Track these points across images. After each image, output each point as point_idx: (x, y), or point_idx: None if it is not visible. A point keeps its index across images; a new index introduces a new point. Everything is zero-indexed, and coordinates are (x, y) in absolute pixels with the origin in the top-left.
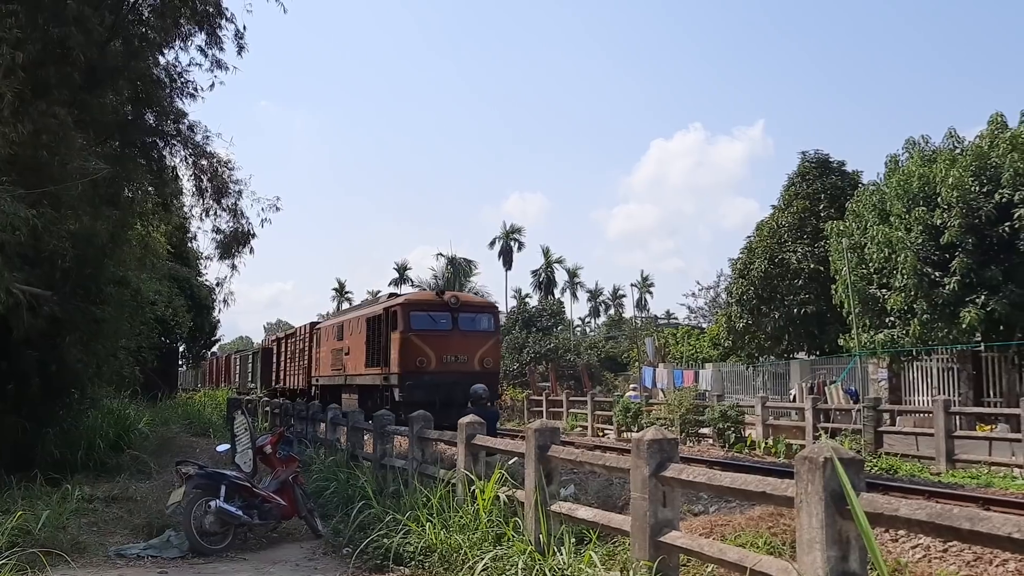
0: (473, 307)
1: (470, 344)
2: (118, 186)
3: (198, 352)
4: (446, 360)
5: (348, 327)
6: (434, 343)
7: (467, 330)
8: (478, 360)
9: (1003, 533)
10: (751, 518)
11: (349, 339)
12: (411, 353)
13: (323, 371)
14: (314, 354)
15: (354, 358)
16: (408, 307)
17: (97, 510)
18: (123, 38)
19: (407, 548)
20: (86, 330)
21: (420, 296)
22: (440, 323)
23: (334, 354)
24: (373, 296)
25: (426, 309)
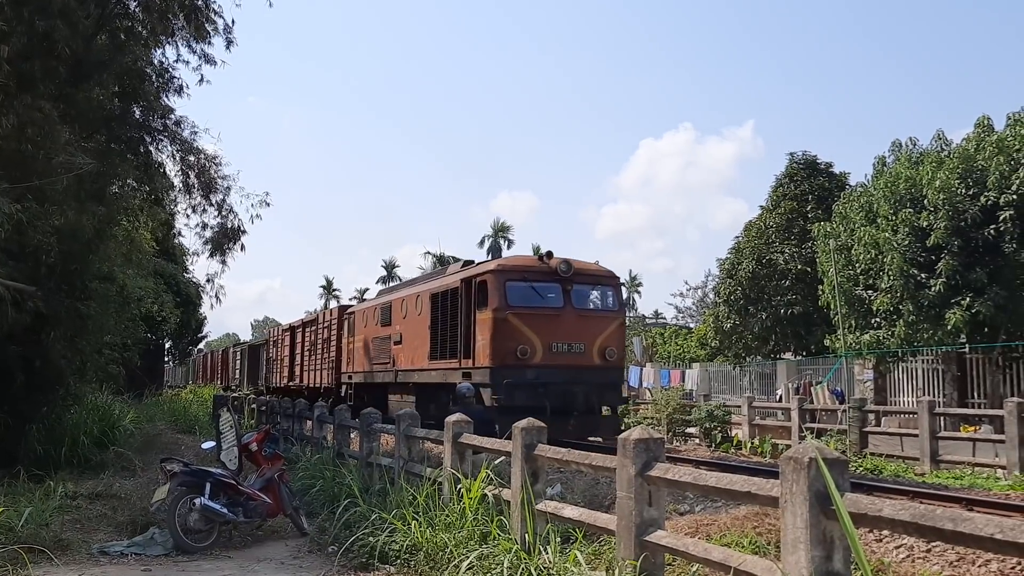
0: (590, 276)
1: (588, 327)
2: (104, 181)
3: (184, 349)
4: (556, 349)
5: (399, 308)
6: (541, 326)
7: (583, 308)
8: (598, 349)
9: (985, 534)
10: (736, 518)
11: (401, 324)
12: (508, 339)
13: (358, 365)
14: (344, 344)
15: (409, 348)
16: (503, 275)
17: (81, 507)
18: (109, 32)
19: (393, 546)
20: (71, 326)
21: (519, 261)
22: (548, 298)
23: (376, 344)
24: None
25: (528, 278)
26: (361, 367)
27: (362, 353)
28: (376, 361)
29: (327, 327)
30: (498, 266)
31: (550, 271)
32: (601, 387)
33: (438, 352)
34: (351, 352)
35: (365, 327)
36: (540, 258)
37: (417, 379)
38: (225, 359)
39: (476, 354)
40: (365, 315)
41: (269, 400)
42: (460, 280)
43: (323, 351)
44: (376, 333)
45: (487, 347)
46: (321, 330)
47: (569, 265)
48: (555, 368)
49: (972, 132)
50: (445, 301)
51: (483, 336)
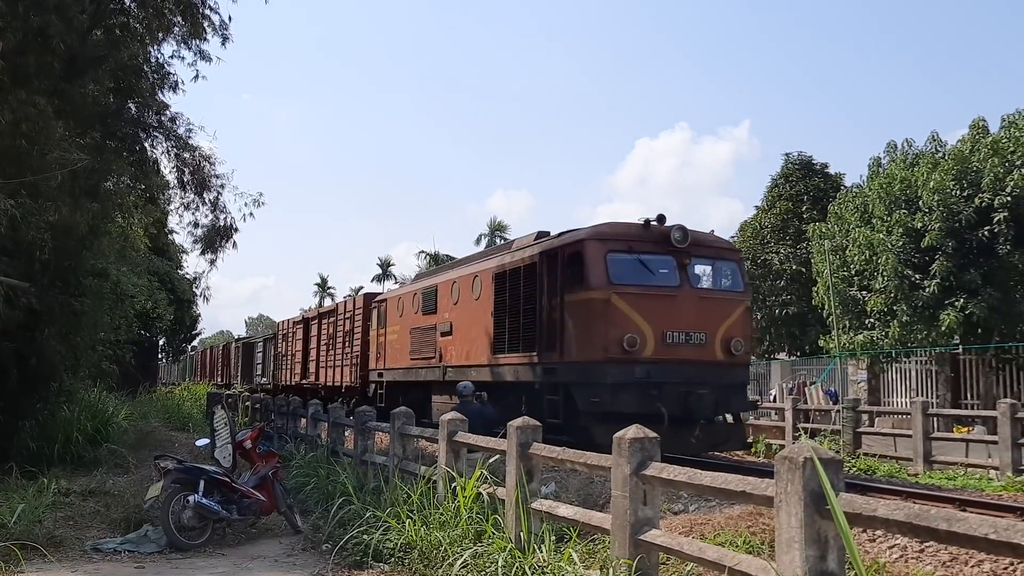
0: (710, 248)
1: (710, 312)
2: (98, 178)
3: (178, 346)
4: (672, 340)
5: (448, 292)
6: (652, 310)
7: (704, 289)
8: (722, 340)
9: (979, 534)
10: (731, 517)
11: (451, 311)
12: (612, 326)
13: (391, 361)
14: (373, 337)
15: (463, 340)
16: (604, 244)
17: (74, 504)
18: (104, 27)
19: (387, 545)
20: (64, 323)
21: (620, 227)
22: (660, 274)
23: (416, 336)
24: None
25: (634, 248)
26: (396, 363)
27: (397, 347)
28: (416, 356)
29: (349, 318)
30: (596, 233)
31: (661, 240)
32: (727, 389)
33: (505, 344)
34: (382, 346)
35: (401, 316)
36: (646, 224)
37: (474, 377)
38: (226, 355)
39: (565, 346)
40: (401, 303)
41: (263, 398)
42: (539, 253)
43: (344, 345)
44: (416, 323)
45: (583, 336)
46: (342, 321)
47: (685, 233)
48: (671, 364)
49: (967, 134)
50: (516, 281)
51: (576, 323)
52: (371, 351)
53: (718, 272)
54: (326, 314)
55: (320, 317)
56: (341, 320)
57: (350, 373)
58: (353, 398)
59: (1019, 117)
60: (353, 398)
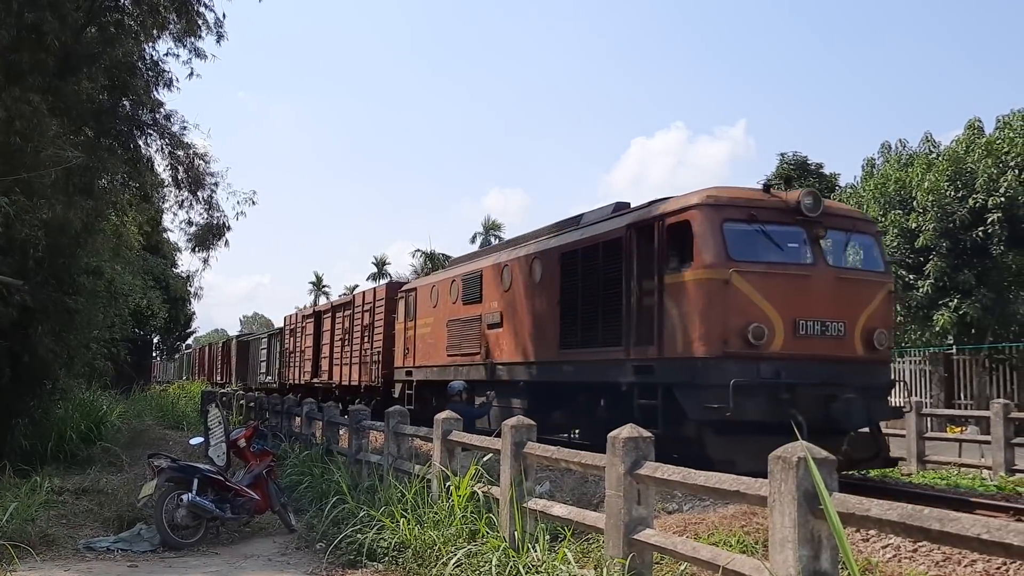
0: (845, 219)
1: (850, 297)
2: (93, 175)
3: (172, 344)
4: (805, 331)
5: (497, 278)
6: (782, 293)
7: (841, 268)
8: (863, 332)
9: (972, 534)
10: (724, 516)
11: (501, 299)
12: (732, 314)
13: (423, 358)
14: (400, 331)
15: (517, 332)
16: (718, 211)
17: (67, 503)
18: (99, 25)
19: (381, 544)
20: (58, 320)
21: (736, 192)
22: (788, 249)
23: (456, 328)
24: None
25: (756, 218)
26: (428, 359)
27: (430, 342)
28: (455, 351)
29: (369, 310)
30: (709, 198)
31: (788, 208)
32: (871, 392)
33: (577, 337)
34: (411, 341)
35: (435, 307)
36: (766, 188)
37: (535, 375)
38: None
39: (666, 338)
40: (435, 292)
41: (258, 397)
42: (628, 226)
43: (363, 340)
44: (454, 314)
45: (691, 326)
46: (360, 314)
47: (817, 199)
48: (804, 361)
49: (962, 134)
50: (592, 261)
51: (682, 309)
52: (397, 347)
53: (855, 248)
54: (341, 307)
55: (334, 310)
56: (359, 313)
57: (370, 371)
58: (374, 399)
59: (1014, 118)
60: (374, 399)
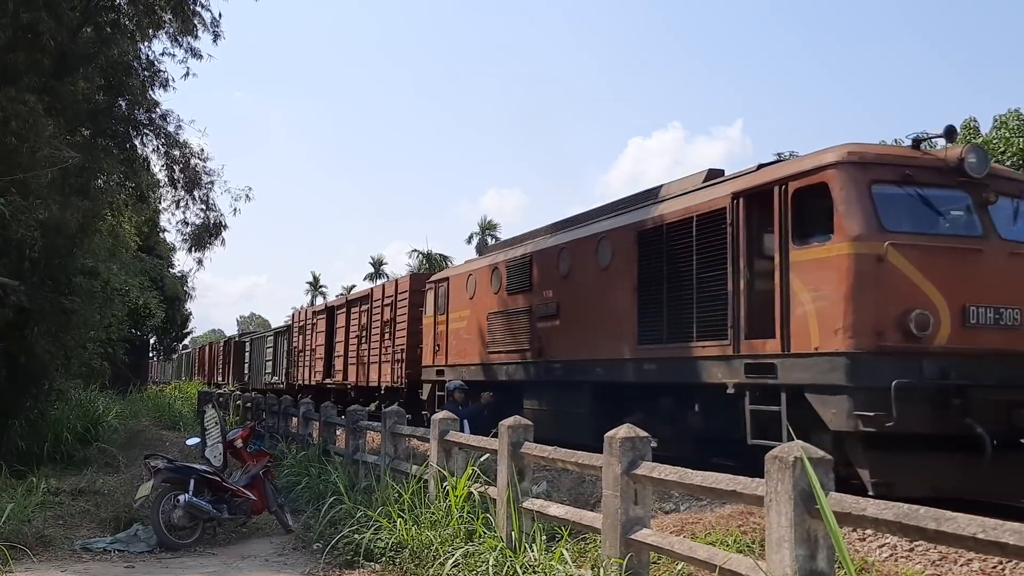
0: (1012, 183)
1: None
2: (89, 176)
3: (169, 345)
4: (976, 319)
5: (554, 263)
6: (947, 272)
7: (1017, 242)
8: None
9: (968, 533)
10: (721, 516)
11: (560, 287)
12: (886, 298)
13: (458, 354)
14: (430, 326)
15: (581, 324)
16: (864, 171)
17: (63, 503)
18: (95, 25)
19: (378, 544)
20: (55, 321)
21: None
22: (952, 219)
23: (500, 322)
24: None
25: (911, 179)
26: (463, 357)
27: (466, 337)
28: (499, 348)
29: (390, 304)
30: (851, 155)
31: (948, 168)
32: None
33: (662, 330)
34: (441, 336)
35: (472, 299)
36: (915, 144)
37: (602, 375)
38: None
39: (796, 328)
40: (471, 281)
41: (255, 397)
42: (734, 194)
43: (384, 337)
44: (497, 306)
45: (836, 312)
46: (379, 309)
47: (984, 158)
48: (978, 357)
49: (958, 134)
50: (682, 238)
51: (820, 291)
52: (425, 343)
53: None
54: (357, 301)
55: (348, 305)
56: (378, 307)
57: (392, 371)
58: (396, 401)
59: (1011, 117)
60: (396, 401)
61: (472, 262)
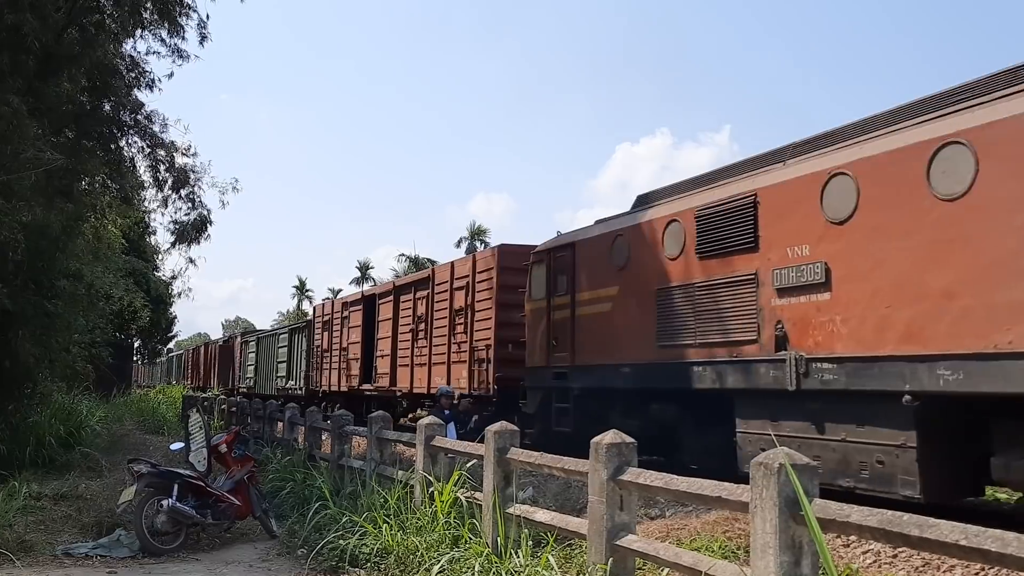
0: None
1: None
2: (73, 177)
3: (154, 348)
4: None
5: (807, 199)
6: None
7: None
8: None
9: (950, 540)
10: (707, 522)
11: (823, 236)
12: None
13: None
14: (538, 314)
15: (884, 299)
16: None
17: (45, 508)
18: (79, 26)
19: (363, 550)
20: (38, 324)
21: None
22: None
23: (680, 300)
24: None
25: None
26: (606, 353)
27: (610, 326)
28: (685, 339)
29: (464, 288)
30: None
31: None
32: None
33: None
34: (562, 327)
35: (623, 269)
36: None
37: (953, 383)
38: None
39: None
40: (620, 244)
41: (240, 401)
42: None
43: (455, 330)
44: (673, 276)
45: None
46: (445, 294)
47: None
48: None
49: None
50: None
51: None
52: (532, 337)
53: None
54: (409, 287)
55: (397, 292)
56: (444, 292)
57: (472, 374)
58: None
59: None
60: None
61: (619, 218)
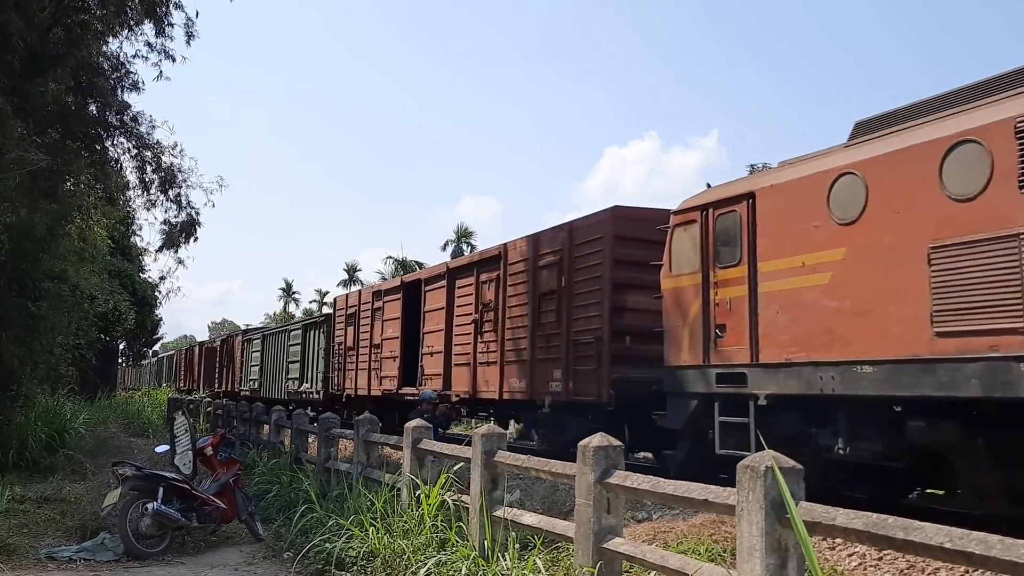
0: None
1: None
2: (58, 178)
3: (139, 350)
4: None
5: None
6: None
7: None
8: None
9: (935, 543)
10: (694, 525)
11: None
12: None
13: (796, 343)
14: (691, 294)
15: None
16: None
17: (28, 511)
18: (64, 26)
19: (350, 553)
20: (22, 326)
21: None
22: None
23: (959, 265)
24: None
25: None
26: (820, 346)
27: (818, 307)
28: (967, 323)
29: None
30: None
31: None
32: None
33: None
34: (735, 310)
35: (856, 223)
36: None
37: None
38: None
39: None
40: (844, 188)
41: (225, 403)
42: None
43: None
44: (955, 228)
45: None
46: (523, 275)
47: None
48: None
49: None
50: None
51: None
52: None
53: None
54: (469, 268)
55: (452, 276)
56: (521, 273)
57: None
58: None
59: None
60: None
61: (838, 153)
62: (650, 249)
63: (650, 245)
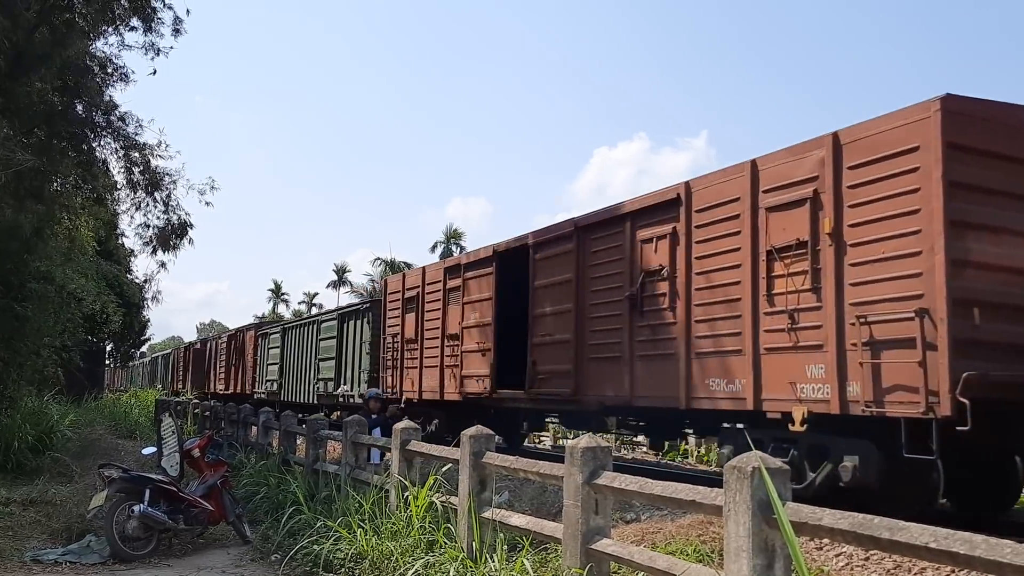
0: None
1: None
2: (44, 178)
3: (126, 352)
4: None
5: None
6: None
7: None
8: None
9: (920, 543)
10: (682, 526)
11: None
12: None
13: None
14: None
15: None
16: None
17: (14, 514)
18: (50, 25)
19: (337, 555)
20: (8, 327)
21: None
22: None
23: None
24: None
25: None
26: None
27: None
28: None
29: (801, 202)
30: None
31: None
32: None
33: None
34: None
35: None
36: None
37: None
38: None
39: None
40: None
41: (213, 405)
42: None
43: (774, 286)
44: None
45: None
46: (727, 223)
47: None
48: None
49: None
50: None
51: None
52: None
53: None
54: (618, 222)
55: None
56: (723, 221)
57: (836, 368)
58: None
59: None
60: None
61: None
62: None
63: (1014, 164)
